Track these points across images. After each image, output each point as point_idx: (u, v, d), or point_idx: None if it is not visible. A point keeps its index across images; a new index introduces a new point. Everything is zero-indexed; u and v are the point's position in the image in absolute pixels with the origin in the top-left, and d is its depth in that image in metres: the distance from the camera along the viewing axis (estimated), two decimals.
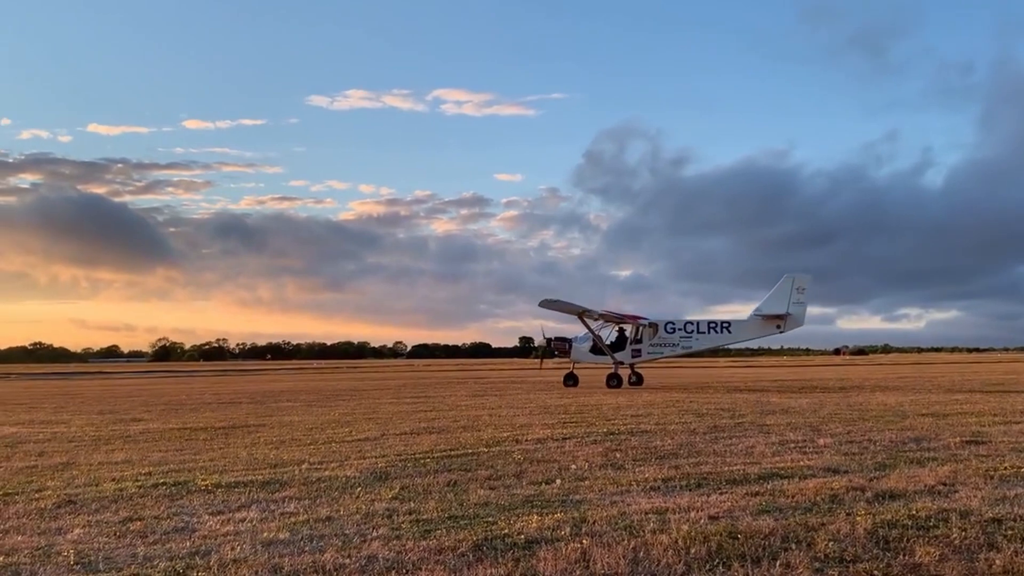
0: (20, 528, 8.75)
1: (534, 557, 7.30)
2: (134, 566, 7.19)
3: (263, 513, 9.34)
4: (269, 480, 11.54)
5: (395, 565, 7.14)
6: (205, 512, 9.45)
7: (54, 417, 24.00)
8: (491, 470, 12.12)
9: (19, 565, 7.25)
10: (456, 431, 17.89)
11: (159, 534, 8.38)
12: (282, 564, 7.17)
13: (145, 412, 25.61)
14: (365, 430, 18.48)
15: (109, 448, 15.87)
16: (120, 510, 9.62)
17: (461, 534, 8.09)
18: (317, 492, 10.60)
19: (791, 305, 34.30)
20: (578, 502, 9.71)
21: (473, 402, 28.03)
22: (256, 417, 22.93)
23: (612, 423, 19.11)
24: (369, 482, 11.24)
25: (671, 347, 35.92)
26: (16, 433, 19.00)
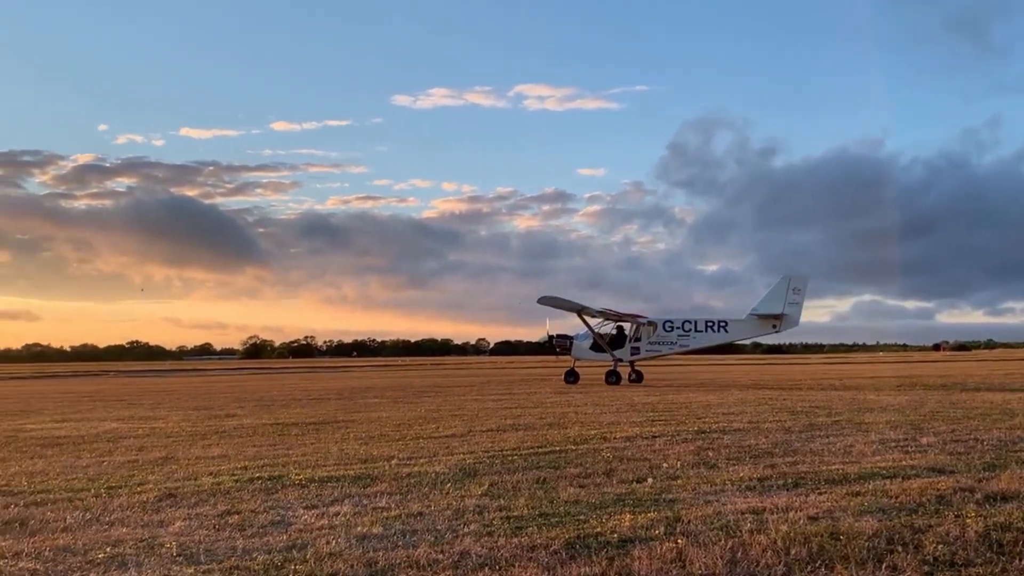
0: (124, 520, 9.10)
1: (628, 556, 7.24)
2: (234, 558, 7.40)
3: (356, 507, 9.51)
4: (360, 475, 11.75)
5: (488, 561, 7.17)
6: (300, 506, 9.67)
7: (152, 413, 24.92)
8: (580, 468, 12.08)
9: (125, 556, 7.53)
10: (542, 428, 17.90)
11: (256, 527, 8.61)
12: (376, 558, 7.28)
13: (238, 408, 26.38)
14: (452, 426, 18.65)
15: (205, 443, 16.40)
16: (218, 504, 9.91)
17: (553, 532, 8.08)
18: (407, 487, 10.74)
19: (787, 305, 35.00)
20: (671, 501, 9.60)
21: (558, 399, 28.02)
22: (345, 413, 23.38)
23: (703, 421, 18.84)
24: (458, 478, 11.33)
25: (669, 345, 36.81)
26: (116, 429, 19.79)
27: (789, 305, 35.09)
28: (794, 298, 35.10)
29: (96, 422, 21.70)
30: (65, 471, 12.77)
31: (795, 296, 35.08)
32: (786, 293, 35.22)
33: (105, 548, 7.77)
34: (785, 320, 35.37)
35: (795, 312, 35.23)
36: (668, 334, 36.70)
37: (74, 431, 19.21)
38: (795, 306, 35.17)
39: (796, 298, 35.13)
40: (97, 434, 18.45)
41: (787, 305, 35.08)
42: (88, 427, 20.19)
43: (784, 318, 35.29)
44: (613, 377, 36.20)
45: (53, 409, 27.57)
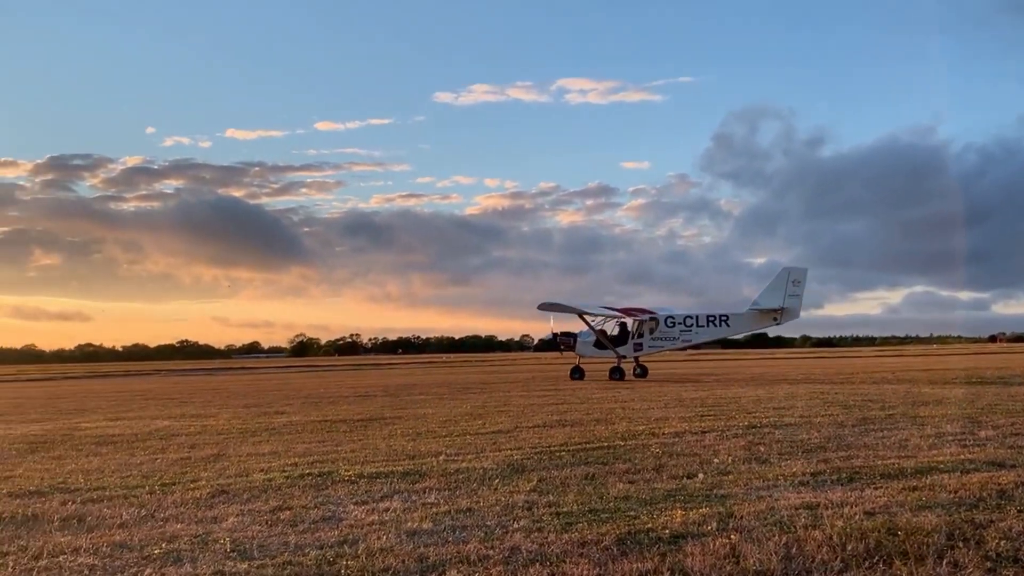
0: (178, 516, 9.26)
1: (681, 552, 7.19)
2: (286, 554, 7.49)
3: (405, 503, 9.57)
4: (409, 471, 11.82)
5: (538, 557, 7.17)
6: (350, 502, 9.76)
7: (203, 411, 25.34)
8: (629, 463, 12.02)
9: (180, 552, 7.67)
10: (589, 424, 17.86)
11: (308, 523, 8.71)
12: (427, 554, 7.32)
13: (287, 405, 26.72)
14: (498, 423, 18.68)
15: (256, 440, 16.63)
16: (270, 499, 10.05)
17: (603, 527, 8.05)
18: (456, 483, 10.79)
19: (787, 298, 35.57)
20: (723, 497, 9.51)
21: (605, 395, 27.92)
22: (391, 410, 23.55)
23: (753, 416, 18.64)
24: (506, 474, 11.35)
25: (671, 341, 37.45)
26: (169, 427, 20.15)
27: (789, 298, 35.61)
28: (794, 290, 35.64)
29: (149, 420, 22.12)
30: (120, 468, 13.04)
31: (795, 288, 35.62)
32: (786, 286, 35.73)
33: (160, 544, 7.91)
34: (785, 313, 35.87)
35: (795, 304, 35.79)
36: (670, 330, 37.34)
37: (128, 429, 19.60)
38: (795, 298, 35.69)
39: (796, 290, 35.68)
40: (150, 432, 18.81)
41: (787, 298, 35.61)
42: (141, 425, 20.59)
43: (784, 311, 35.84)
44: (617, 373, 36.78)
45: (107, 408, 28.17)
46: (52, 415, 25.01)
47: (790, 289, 35.67)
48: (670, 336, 37.28)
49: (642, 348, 37.76)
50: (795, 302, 35.84)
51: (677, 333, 37.21)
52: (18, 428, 20.58)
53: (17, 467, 13.40)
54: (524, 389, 32.97)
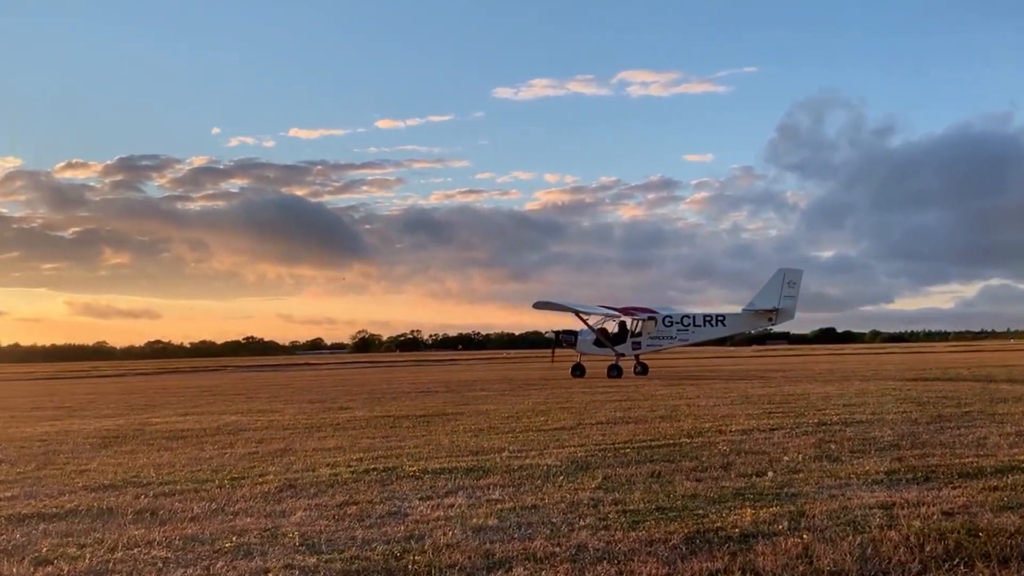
0: (248, 510, 9.44)
1: (751, 551, 7.08)
2: (354, 548, 7.58)
3: (470, 499, 9.62)
4: (472, 467, 11.87)
5: (606, 555, 7.13)
6: (415, 497, 9.83)
7: (269, 406, 25.82)
8: (696, 461, 11.89)
9: (250, 545, 7.81)
10: (654, 421, 17.72)
11: (374, 518, 8.80)
12: (493, 550, 7.34)
13: (350, 401, 27.08)
14: (561, 419, 18.66)
15: (321, 435, 16.87)
16: (336, 494, 10.18)
17: (671, 526, 7.98)
18: (520, 480, 10.79)
19: (782, 299, 36.56)
20: (794, 495, 9.35)
21: (669, 391, 27.69)
22: (453, 406, 23.70)
23: (823, 413, 18.30)
24: (571, 471, 11.32)
25: (669, 339, 38.59)
26: (236, 421, 20.57)
27: (784, 299, 36.50)
28: (789, 292, 36.49)
29: (217, 415, 22.62)
30: (190, 463, 13.35)
31: (790, 290, 36.48)
32: (781, 287, 36.61)
33: (231, 537, 8.07)
34: (780, 314, 36.85)
35: (790, 306, 36.73)
36: (668, 328, 38.33)
37: (197, 424, 20.07)
38: (790, 300, 36.58)
39: (791, 291, 36.53)
40: (218, 427, 19.23)
41: (782, 299, 36.53)
42: (209, 420, 21.06)
43: (779, 312, 36.75)
44: (615, 371, 37.55)
45: (176, 403, 28.89)
46: (124, 410, 25.73)
47: (785, 291, 36.47)
48: (668, 335, 38.40)
49: (640, 347, 38.84)
50: (790, 303, 36.69)
51: (675, 332, 38.28)
52: (92, 423, 21.22)
53: (92, 461, 13.81)
54: (586, 386, 32.87)
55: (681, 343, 38.98)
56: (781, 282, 36.68)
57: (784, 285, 36.48)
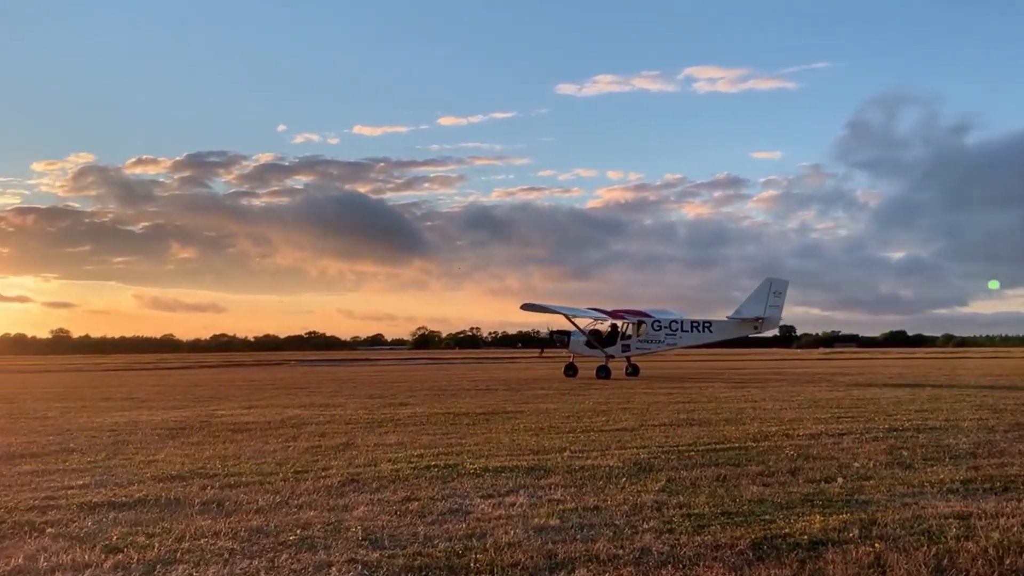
0: (311, 504, 9.58)
1: (821, 559, 6.95)
2: (416, 545, 7.63)
3: (531, 499, 9.61)
4: (533, 466, 11.87)
5: (670, 559, 7.06)
6: (476, 495, 9.87)
7: (330, 401, 26.18)
8: (762, 466, 11.72)
9: (313, 539, 7.92)
10: (719, 424, 17.51)
11: (436, 515, 8.86)
12: (556, 551, 7.32)
13: (411, 397, 27.31)
14: (622, 420, 18.55)
15: (382, 431, 17.05)
16: (398, 490, 10.27)
17: (737, 531, 7.87)
18: (582, 480, 10.76)
19: (768, 308, 37.80)
20: (864, 503, 9.15)
21: (733, 394, 27.33)
22: (513, 404, 23.73)
23: (894, 418, 17.87)
24: (633, 473, 11.24)
25: (657, 343, 40.06)
26: (299, 415, 20.90)
27: (770, 308, 37.85)
28: (775, 301, 37.79)
29: (280, 409, 23.01)
30: (255, 455, 13.60)
31: (776, 299, 37.79)
32: (767, 296, 37.91)
33: (295, 530, 8.20)
34: (766, 322, 38.33)
35: (775, 314, 38.20)
36: (656, 333, 39.85)
37: (261, 417, 20.44)
38: (776, 308, 37.94)
39: (777, 301, 37.84)
40: (282, 420, 19.55)
41: (768, 308, 37.86)
42: (273, 413, 21.44)
43: (765, 320, 38.13)
44: (603, 372, 38.67)
45: (240, 396, 29.47)
46: (190, 402, 26.35)
47: (771, 300, 37.79)
48: (656, 339, 39.93)
49: (629, 349, 40.37)
50: (775, 312, 38.09)
51: (663, 336, 39.81)
52: (159, 414, 21.76)
53: (160, 451, 14.16)
54: (647, 386, 32.64)
55: (669, 347, 40.66)
56: (767, 291, 38.06)
57: (770, 295, 37.88)
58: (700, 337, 39.94)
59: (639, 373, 40.56)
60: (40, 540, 7.93)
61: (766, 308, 37.70)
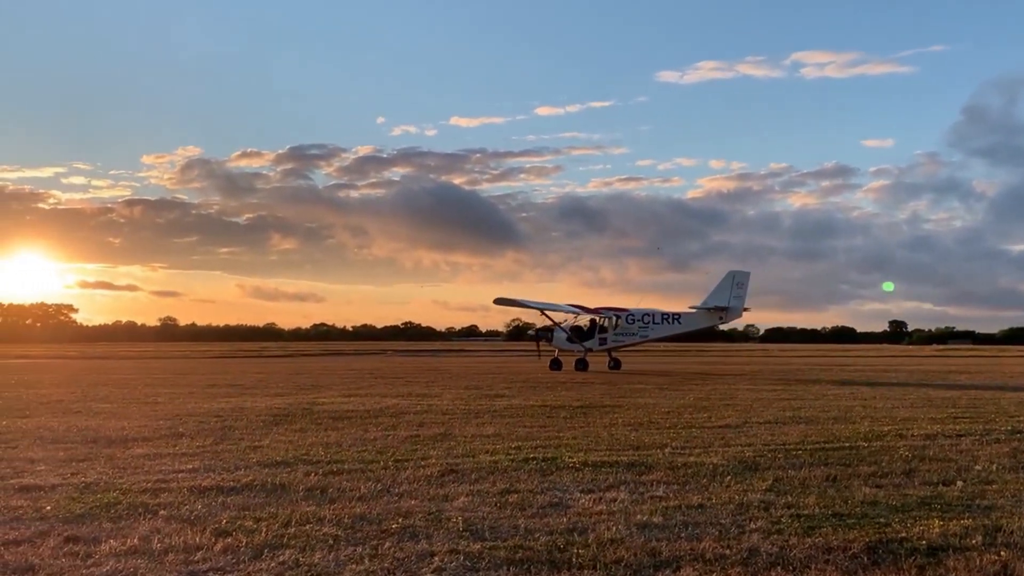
0: (412, 493, 9.73)
1: (942, 566, 6.68)
2: (517, 537, 7.66)
3: (632, 495, 9.54)
4: (634, 462, 11.78)
5: (779, 560, 6.90)
6: (576, 489, 9.85)
7: (427, 391, 26.55)
8: (875, 466, 11.35)
9: (415, 528, 8.04)
10: (827, 422, 17.04)
11: (536, 508, 8.88)
12: (659, 548, 7.24)
13: (506, 388, 27.46)
14: (725, 416, 18.24)
15: (479, 422, 17.20)
16: (497, 481, 10.34)
17: (850, 534, 7.64)
18: (684, 478, 10.62)
19: (731, 299, 40.16)
20: (987, 508, 8.76)
21: (841, 391, 26.58)
22: (610, 398, 23.61)
23: (1016, 420, 17.10)
24: (738, 471, 11.03)
25: (631, 336, 42.46)
26: (397, 405, 21.27)
27: (733, 299, 40.16)
28: (738, 292, 40.15)
29: (379, 398, 23.46)
30: (356, 443, 13.90)
31: (738, 290, 40.17)
32: (731, 288, 40.25)
33: (397, 519, 8.34)
34: (729, 312, 40.60)
35: (738, 305, 40.48)
36: (630, 326, 42.24)
37: (360, 406, 20.88)
38: (738, 299, 40.26)
39: (740, 292, 40.19)
40: (380, 409, 19.93)
41: (731, 299, 40.16)
42: (372, 402, 21.87)
43: (728, 310, 40.48)
44: (581, 364, 40.82)
45: (340, 385, 30.17)
46: (292, 390, 27.10)
47: (734, 291, 40.20)
48: (630, 332, 42.34)
49: (606, 342, 42.68)
50: (738, 303, 40.47)
51: (636, 329, 42.24)
52: (263, 401, 22.46)
53: (264, 438, 14.61)
54: (751, 382, 32.04)
55: (642, 339, 43.13)
56: (731, 283, 40.43)
57: (733, 286, 40.26)
58: (670, 328, 42.50)
59: (620, 367, 42.50)
60: (153, 522, 8.27)
61: (730, 299, 40.16)
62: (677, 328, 42.49)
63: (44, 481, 10.31)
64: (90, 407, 20.29)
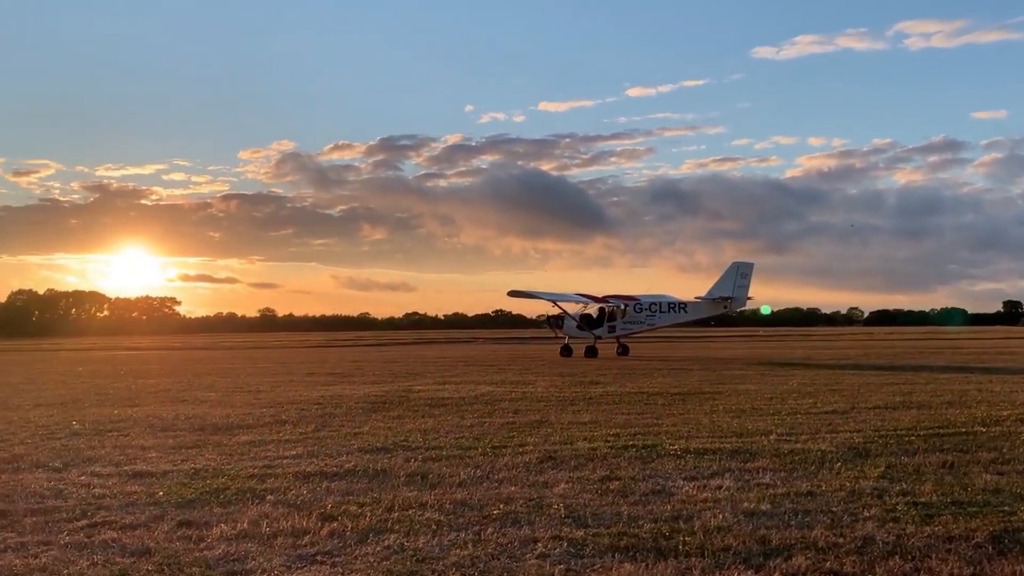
0: (511, 479, 9.78)
1: None
2: (620, 524, 7.62)
3: (738, 482, 9.39)
4: (738, 449, 11.59)
5: (896, 550, 6.69)
6: (679, 477, 9.75)
7: (520, 378, 26.66)
8: (995, 452, 10.92)
9: (517, 514, 8.08)
10: (939, 407, 16.45)
11: (638, 495, 8.82)
12: (769, 536, 7.11)
13: (601, 375, 27.34)
14: (831, 402, 17.79)
15: (575, 409, 17.18)
16: (597, 468, 10.30)
17: (972, 523, 7.36)
18: (791, 465, 10.39)
19: (735, 289, 41.76)
20: None
21: (953, 375, 25.62)
22: (710, 384, 23.27)
23: None
24: (848, 458, 10.75)
25: (638, 324, 43.93)
26: (491, 392, 21.41)
27: (737, 289, 41.78)
28: (741, 282, 41.85)
29: (473, 385, 23.67)
30: (453, 430, 14.05)
31: (742, 281, 41.87)
32: (735, 278, 41.83)
33: (498, 505, 8.40)
34: (733, 301, 42.13)
35: (741, 295, 42.11)
36: (638, 315, 43.68)
37: (455, 393, 21.11)
38: (742, 289, 41.93)
39: (743, 282, 41.92)
40: (475, 396, 20.10)
41: (735, 289, 41.76)
42: (466, 389, 22.08)
43: (732, 300, 42.02)
44: (591, 352, 42.16)
45: (434, 372, 30.56)
46: (388, 378, 27.58)
47: (738, 281, 41.83)
48: (637, 320, 43.69)
49: (615, 330, 44.16)
50: (742, 293, 42.07)
51: (644, 318, 43.57)
52: (360, 388, 22.92)
53: (364, 424, 14.90)
54: (856, 367, 31.17)
55: (649, 327, 44.45)
56: (735, 274, 41.98)
57: (737, 276, 41.87)
58: (676, 317, 44.04)
59: (628, 353, 43.89)
60: (261, 507, 8.52)
61: (734, 289, 41.78)
62: (683, 317, 44.11)
63: (156, 467, 10.75)
64: (196, 396, 21.05)
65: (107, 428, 14.65)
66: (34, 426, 15.03)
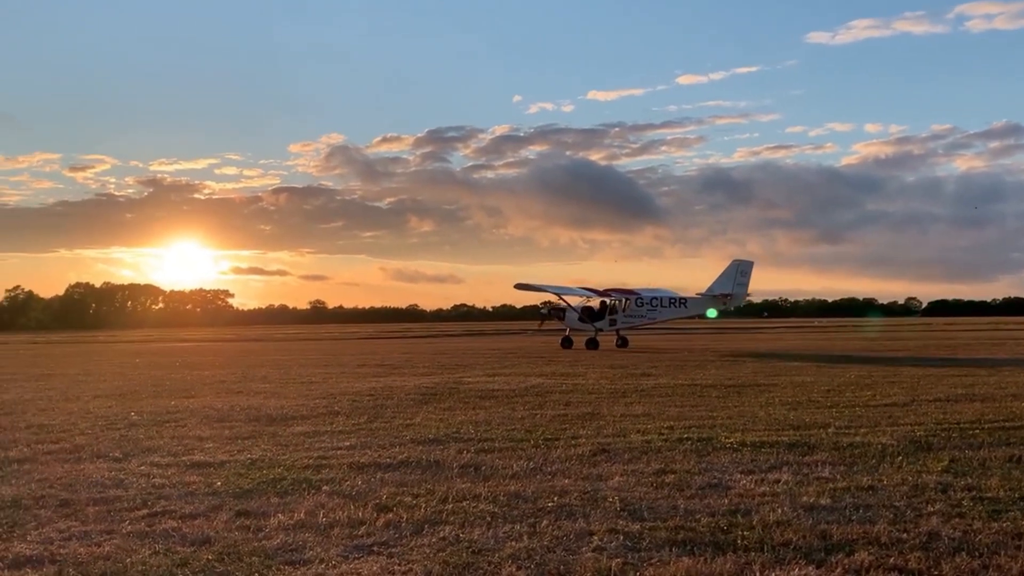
0: (565, 472, 9.77)
1: None
2: (677, 518, 7.57)
3: (796, 476, 9.27)
4: (795, 442, 11.44)
5: (963, 546, 6.56)
6: (735, 470, 9.65)
7: (570, 370, 26.60)
8: None
9: (571, 506, 8.07)
10: (1004, 400, 16.09)
11: (694, 489, 8.75)
12: (830, 531, 7.01)
13: (652, 367, 27.19)
14: (890, 394, 17.49)
15: (627, 401, 17.10)
16: (651, 462, 10.25)
17: None
18: (851, 458, 10.24)
19: (735, 286, 42.55)
20: None
21: (1016, 367, 25.01)
22: (764, 376, 23.02)
23: None
24: (910, 451, 10.56)
25: (639, 318, 44.90)
26: (542, 384, 21.41)
27: (737, 286, 42.60)
28: (741, 280, 42.66)
29: (523, 377, 23.69)
30: (504, 422, 14.08)
31: (742, 278, 42.68)
32: (735, 276, 42.57)
33: (552, 497, 8.39)
34: (733, 298, 42.93)
35: (741, 292, 43.02)
36: (639, 308, 44.42)
37: (505, 385, 21.14)
38: (741, 287, 42.80)
39: (743, 280, 42.72)
40: (526, 388, 20.12)
41: (735, 286, 42.57)
42: (517, 381, 22.11)
43: (732, 296, 42.84)
44: (592, 344, 43.15)
45: (484, 364, 30.64)
46: (437, 369, 27.72)
47: (738, 279, 42.60)
48: (639, 314, 44.59)
49: (616, 323, 44.90)
50: (741, 290, 42.97)
51: (644, 312, 44.43)
52: (411, 380, 23.07)
53: (415, 416, 15.00)
54: (915, 359, 30.59)
55: (649, 321, 45.65)
56: (735, 271, 42.74)
57: (737, 274, 42.64)
58: (676, 312, 45.10)
59: (628, 345, 44.47)
60: (317, 497, 8.63)
61: (734, 286, 42.57)
62: (683, 312, 45.27)
63: (213, 458, 10.93)
64: (250, 387, 21.37)
65: (164, 419, 14.95)
66: (94, 417, 15.38)
